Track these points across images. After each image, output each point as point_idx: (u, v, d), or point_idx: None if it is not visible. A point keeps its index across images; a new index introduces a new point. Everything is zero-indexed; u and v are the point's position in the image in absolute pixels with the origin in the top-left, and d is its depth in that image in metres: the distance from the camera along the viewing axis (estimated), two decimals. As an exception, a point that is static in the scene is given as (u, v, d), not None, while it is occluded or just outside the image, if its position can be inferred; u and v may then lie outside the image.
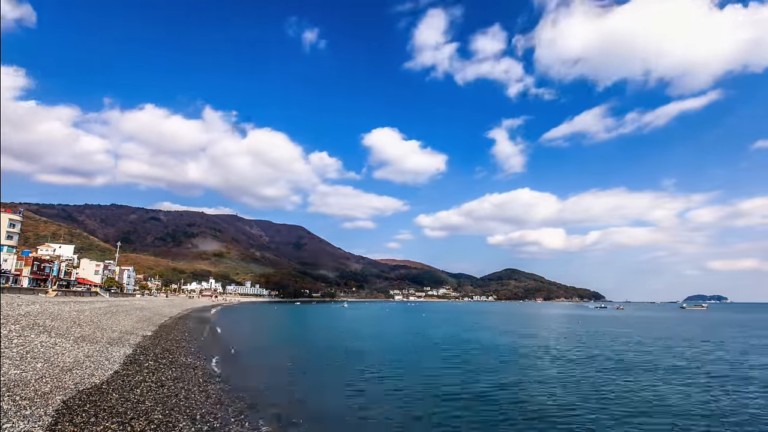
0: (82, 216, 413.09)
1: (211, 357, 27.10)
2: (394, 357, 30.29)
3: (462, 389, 19.86)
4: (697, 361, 29.17)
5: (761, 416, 15.60)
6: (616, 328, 61.09)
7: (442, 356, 30.81)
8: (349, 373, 23.77)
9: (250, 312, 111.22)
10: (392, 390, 19.54)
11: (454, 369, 25.35)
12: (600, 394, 18.84)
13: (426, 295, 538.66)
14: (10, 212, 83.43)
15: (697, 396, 18.70)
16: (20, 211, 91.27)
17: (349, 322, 76.32)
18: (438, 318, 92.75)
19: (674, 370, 25.42)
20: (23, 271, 77.67)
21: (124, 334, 31.05)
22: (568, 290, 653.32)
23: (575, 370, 25.19)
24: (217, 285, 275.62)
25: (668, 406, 16.89)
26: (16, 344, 19.12)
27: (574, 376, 23.30)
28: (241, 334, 48.46)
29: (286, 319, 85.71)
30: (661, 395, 18.76)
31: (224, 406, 15.49)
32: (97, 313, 41.08)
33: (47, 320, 28.49)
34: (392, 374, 23.45)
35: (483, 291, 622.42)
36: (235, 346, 34.14)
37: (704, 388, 20.36)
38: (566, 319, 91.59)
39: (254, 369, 24.52)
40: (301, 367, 25.68)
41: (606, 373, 23.95)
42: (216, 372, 22.13)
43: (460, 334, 49.29)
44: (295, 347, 36.54)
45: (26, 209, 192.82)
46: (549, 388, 20.22)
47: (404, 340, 43.90)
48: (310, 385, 20.65)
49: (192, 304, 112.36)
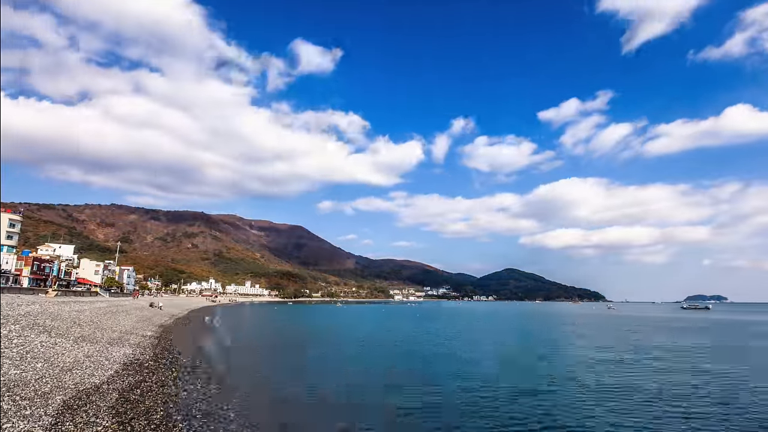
0: (82, 216, 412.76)
1: (209, 356, 27.12)
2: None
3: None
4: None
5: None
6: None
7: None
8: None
9: (246, 313, 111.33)
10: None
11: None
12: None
13: (426, 295, 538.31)
14: (10, 212, 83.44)
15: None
16: (20, 211, 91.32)
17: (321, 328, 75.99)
18: (446, 329, 57.21)
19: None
20: (23, 271, 77.66)
21: (124, 334, 31.05)
22: (568, 290, 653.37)
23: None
24: (217, 285, 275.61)
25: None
26: (16, 344, 19.12)
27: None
28: (235, 334, 48.46)
29: (285, 319, 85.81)
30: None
31: (224, 405, 15.49)
32: (97, 313, 41.08)
33: (47, 320, 28.48)
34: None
35: (483, 291, 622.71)
36: (228, 344, 34.16)
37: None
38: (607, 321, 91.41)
39: (253, 369, 24.51)
40: (297, 370, 25.67)
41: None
42: (215, 371, 22.13)
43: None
44: (291, 348, 36.55)
45: (26, 209, 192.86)
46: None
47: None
48: (309, 388, 20.64)
49: (192, 305, 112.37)
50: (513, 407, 16.15)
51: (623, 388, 19.37)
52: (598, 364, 26.82)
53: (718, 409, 16.04)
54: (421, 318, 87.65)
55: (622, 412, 15.58)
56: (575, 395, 18.21)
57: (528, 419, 14.64)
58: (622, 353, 31.84)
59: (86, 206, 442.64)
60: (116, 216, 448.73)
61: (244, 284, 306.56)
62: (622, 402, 16.99)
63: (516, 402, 16.95)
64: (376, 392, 18.90)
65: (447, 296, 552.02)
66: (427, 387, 19.70)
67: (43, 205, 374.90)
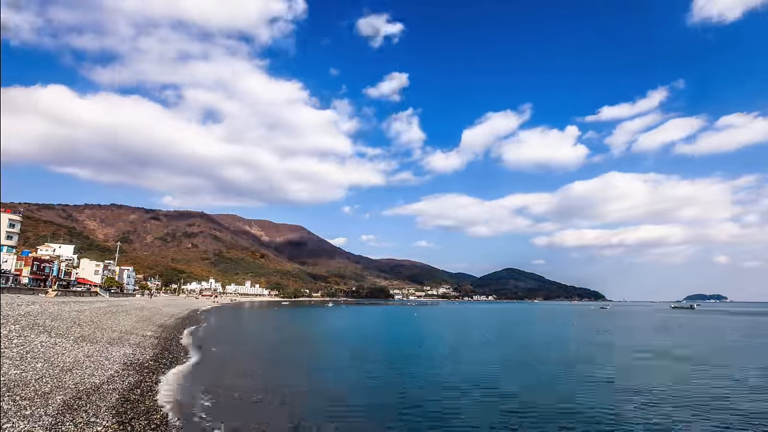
0: (82, 216, 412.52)
1: (208, 356, 27.14)
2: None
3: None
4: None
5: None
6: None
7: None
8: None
9: (243, 313, 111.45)
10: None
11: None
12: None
13: (426, 294, 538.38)
14: (10, 212, 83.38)
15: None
16: (20, 211, 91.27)
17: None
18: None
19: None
20: (23, 271, 77.60)
21: (124, 334, 31.06)
22: (568, 290, 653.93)
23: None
24: (217, 285, 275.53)
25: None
26: (16, 344, 19.13)
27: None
28: (229, 334, 48.51)
29: (285, 321, 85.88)
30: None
31: (224, 406, 15.51)
32: (97, 313, 41.08)
33: (47, 320, 28.49)
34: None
35: (483, 291, 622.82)
36: (219, 346, 34.18)
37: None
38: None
39: (251, 369, 24.54)
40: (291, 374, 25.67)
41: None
42: (213, 371, 22.16)
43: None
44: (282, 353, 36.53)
45: (26, 209, 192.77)
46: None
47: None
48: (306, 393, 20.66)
49: (192, 305, 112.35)
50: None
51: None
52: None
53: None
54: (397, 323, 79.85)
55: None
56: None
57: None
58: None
59: (86, 206, 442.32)
60: (116, 216, 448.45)
61: (244, 284, 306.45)
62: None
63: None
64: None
65: (447, 296, 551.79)
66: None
67: (42, 205, 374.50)
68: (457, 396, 18.45)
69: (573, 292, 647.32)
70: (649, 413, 15.83)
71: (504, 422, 14.60)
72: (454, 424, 14.40)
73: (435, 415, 15.54)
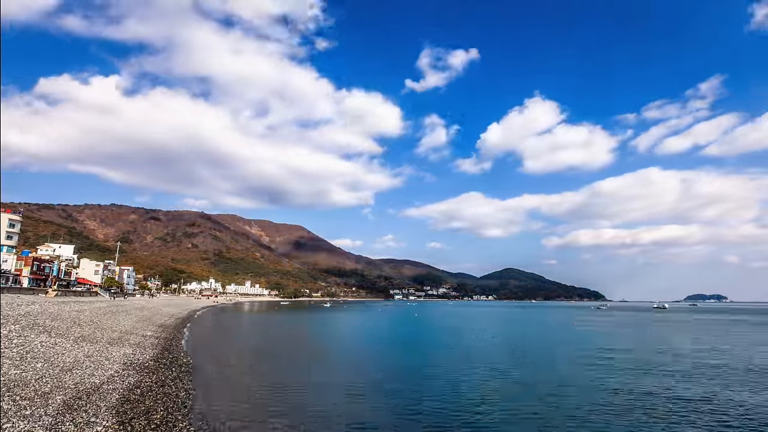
0: (82, 216, 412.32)
1: (207, 355, 27.14)
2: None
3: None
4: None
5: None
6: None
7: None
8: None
9: (241, 314, 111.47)
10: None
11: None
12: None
13: (426, 295, 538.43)
14: (10, 212, 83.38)
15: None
16: (20, 211, 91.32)
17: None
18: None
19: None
20: (23, 271, 77.58)
21: (124, 334, 31.06)
22: (568, 289, 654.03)
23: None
24: (217, 285, 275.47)
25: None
26: (16, 344, 19.14)
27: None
28: (226, 335, 48.53)
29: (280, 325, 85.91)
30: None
31: (224, 405, 15.51)
32: (97, 313, 41.09)
33: (47, 320, 28.50)
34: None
35: (483, 291, 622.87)
36: (220, 347, 34.18)
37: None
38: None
39: (250, 368, 24.55)
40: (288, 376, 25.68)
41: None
42: (212, 370, 22.17)
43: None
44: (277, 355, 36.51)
45: (26, 209, 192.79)
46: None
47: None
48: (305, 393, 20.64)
49: (192, 305, 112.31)
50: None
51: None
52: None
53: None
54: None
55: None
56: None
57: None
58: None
59: (86, 206, 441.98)
60: (116, 216, 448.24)
61: (244, 284, 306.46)
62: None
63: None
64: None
65: (447, 296, 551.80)
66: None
67: (42, 205, 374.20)
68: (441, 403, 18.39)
69: (573, 292, 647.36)
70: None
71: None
72: (454, 425, 14.42)
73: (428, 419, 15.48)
